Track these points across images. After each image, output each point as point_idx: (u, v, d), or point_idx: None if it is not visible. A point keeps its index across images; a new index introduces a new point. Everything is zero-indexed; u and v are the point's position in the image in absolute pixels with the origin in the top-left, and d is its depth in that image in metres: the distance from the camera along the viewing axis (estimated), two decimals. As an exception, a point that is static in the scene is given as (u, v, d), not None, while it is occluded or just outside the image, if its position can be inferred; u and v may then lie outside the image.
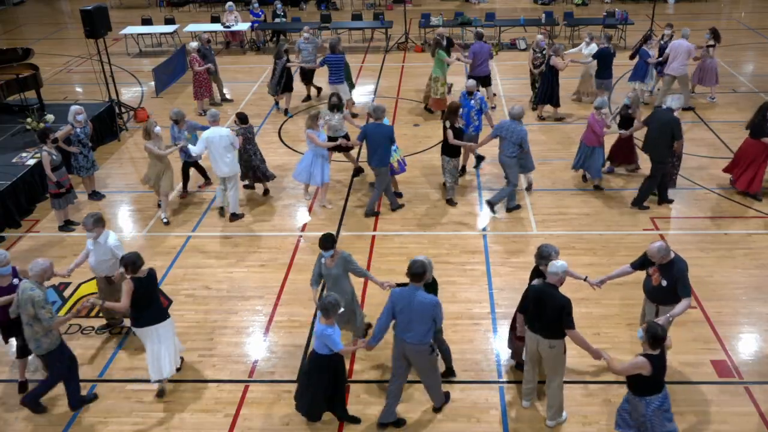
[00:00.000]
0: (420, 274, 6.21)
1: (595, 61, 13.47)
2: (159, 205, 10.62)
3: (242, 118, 10.49)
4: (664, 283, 6.63)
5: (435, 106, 13.73)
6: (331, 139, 10.65)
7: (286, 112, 14.42)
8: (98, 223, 7.47)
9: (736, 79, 15.86)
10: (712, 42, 13.83)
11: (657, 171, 9.98)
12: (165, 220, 10.42)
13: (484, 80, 13.68)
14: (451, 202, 10.71)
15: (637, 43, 14.37)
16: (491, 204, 10.28)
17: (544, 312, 6.24)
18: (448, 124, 10.11)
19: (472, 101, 10.95)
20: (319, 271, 7.24)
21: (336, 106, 10.93)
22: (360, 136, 10.10)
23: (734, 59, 17.13)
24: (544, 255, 6.57)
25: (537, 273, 6.79)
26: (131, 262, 6.63)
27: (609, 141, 11.08)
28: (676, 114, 9.73)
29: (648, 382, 5.61)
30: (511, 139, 9.74)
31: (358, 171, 11.71)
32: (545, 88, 13.36)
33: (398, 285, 7.06)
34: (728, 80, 15.68)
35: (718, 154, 12.10)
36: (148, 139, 10.05)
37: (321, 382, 6.38)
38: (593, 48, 13.69)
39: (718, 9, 22.93)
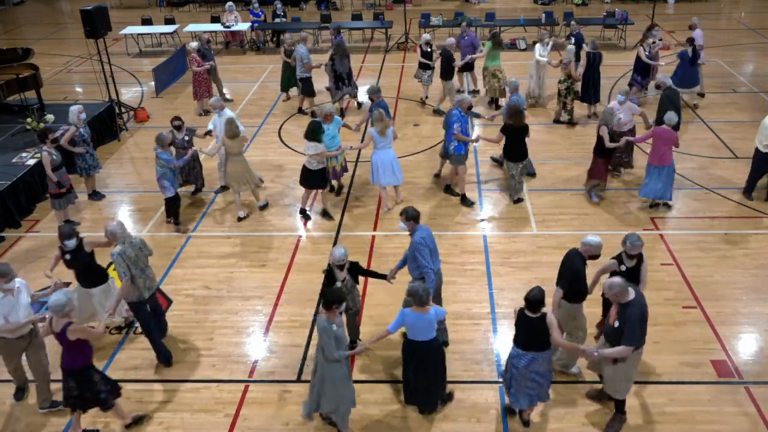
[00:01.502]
0: (417, 216, 7.21)
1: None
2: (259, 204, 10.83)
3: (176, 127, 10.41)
4: (616, 324, 6.04)
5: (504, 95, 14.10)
6: (317, 172, 9.95)
7: (300, 110, 14.53)
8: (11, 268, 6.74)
9: (736, 79, 15.86)
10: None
11: None
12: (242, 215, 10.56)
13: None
14: (519, 201, 10.73)
15: (691, 48, 13.46)
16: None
17: (562, 272, 6.90)
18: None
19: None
20: (336, 335, 6.17)
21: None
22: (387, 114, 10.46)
23: (734, 59, 17.13)
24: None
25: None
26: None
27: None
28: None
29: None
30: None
31: None
32: (596, 85, 13.44)
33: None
34: (728, 80, 15.68)
35: (718, 154, 12.10)
36: (233, 137, 9.91)
37: (443, 362, 6.74)
38: (549, 48, 13.86)
39: (718, 9, 22.93)
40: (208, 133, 10.76)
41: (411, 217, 7.17)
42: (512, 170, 10.44)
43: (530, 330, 6.06)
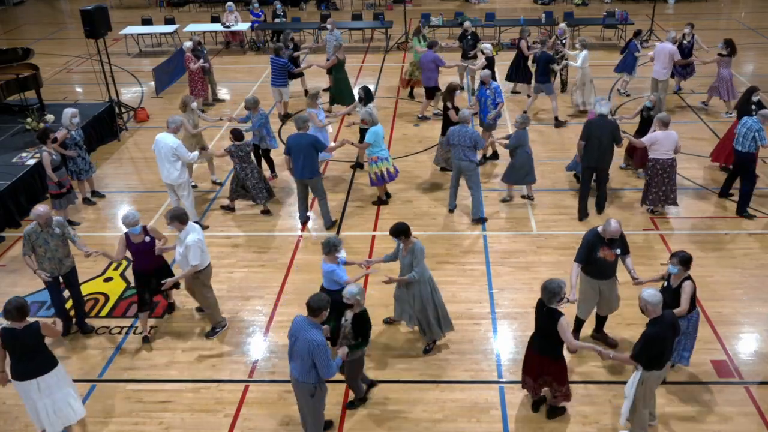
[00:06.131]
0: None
1: (589, 69, 13.43)
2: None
3: (237, 135, 10.05)
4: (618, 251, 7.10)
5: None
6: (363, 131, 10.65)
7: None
8: (174, 219, 7.38)
9: (736, 79, 15.83)
10: (724, 52, 13.26)
11: (606, 178, 10.08)
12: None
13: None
14: (444, 169, 11.52)
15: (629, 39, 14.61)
16: (477, 220, 10.20)
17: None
18: (449, 105, 10.94)
19: (488, 91, 11.36)
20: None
21: (362, 99, 11.11)
22: (285, 149, 9.67)
23: (734, 59, 17.08)
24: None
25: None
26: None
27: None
28: (610, 117, 9.73)
29: None
30: (464, 143, 9.61)
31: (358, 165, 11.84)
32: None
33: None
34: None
35: (718, 154, 12.10)
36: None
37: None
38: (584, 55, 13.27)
39: (718, 9, 22.93)
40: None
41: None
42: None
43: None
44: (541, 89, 13.37)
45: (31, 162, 11.16)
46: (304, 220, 10.27)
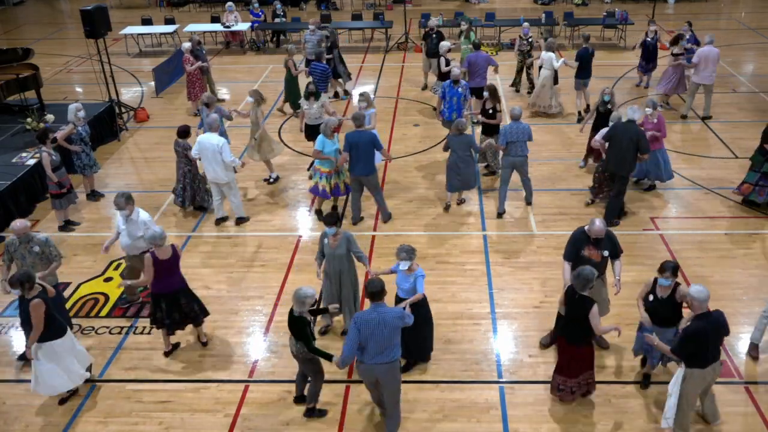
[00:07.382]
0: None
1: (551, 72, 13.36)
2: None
3: (180, 133, 10.06)
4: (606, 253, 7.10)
5: None
6: (308, 127, 11.21)
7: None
8: (129, 200, 7.84)
9: (736, 79, 15.86)
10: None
11: (624, 186, 9.70)
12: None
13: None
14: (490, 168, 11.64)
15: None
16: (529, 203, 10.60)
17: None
18: (497, 106, 10.95)
19: (460, 89, 11.43)
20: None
21: (312, 93, 11.08)
22: (345, 146, 9.63)
23: (734, 59, 17.14)
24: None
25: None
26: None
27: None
28: (639, 123, 9.50)
29: None
30: (522, 139, 9.84)
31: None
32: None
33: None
34: (728, 80, 15.68)
35: (718, 154, 12.10)
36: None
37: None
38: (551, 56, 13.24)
39: (718, 9, 22.93)
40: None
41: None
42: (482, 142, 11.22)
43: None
44: (582, 84, 13.52)
45: (31, 162, 11.16)
46: (357, 221, 10.23)
